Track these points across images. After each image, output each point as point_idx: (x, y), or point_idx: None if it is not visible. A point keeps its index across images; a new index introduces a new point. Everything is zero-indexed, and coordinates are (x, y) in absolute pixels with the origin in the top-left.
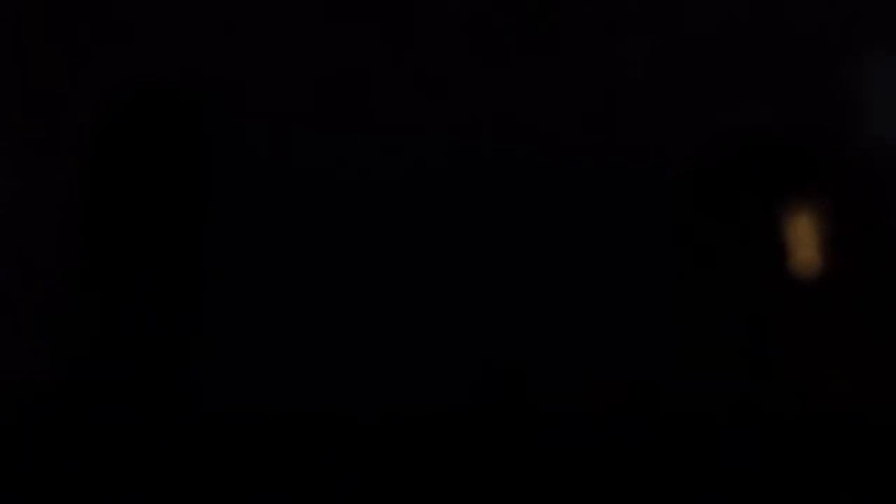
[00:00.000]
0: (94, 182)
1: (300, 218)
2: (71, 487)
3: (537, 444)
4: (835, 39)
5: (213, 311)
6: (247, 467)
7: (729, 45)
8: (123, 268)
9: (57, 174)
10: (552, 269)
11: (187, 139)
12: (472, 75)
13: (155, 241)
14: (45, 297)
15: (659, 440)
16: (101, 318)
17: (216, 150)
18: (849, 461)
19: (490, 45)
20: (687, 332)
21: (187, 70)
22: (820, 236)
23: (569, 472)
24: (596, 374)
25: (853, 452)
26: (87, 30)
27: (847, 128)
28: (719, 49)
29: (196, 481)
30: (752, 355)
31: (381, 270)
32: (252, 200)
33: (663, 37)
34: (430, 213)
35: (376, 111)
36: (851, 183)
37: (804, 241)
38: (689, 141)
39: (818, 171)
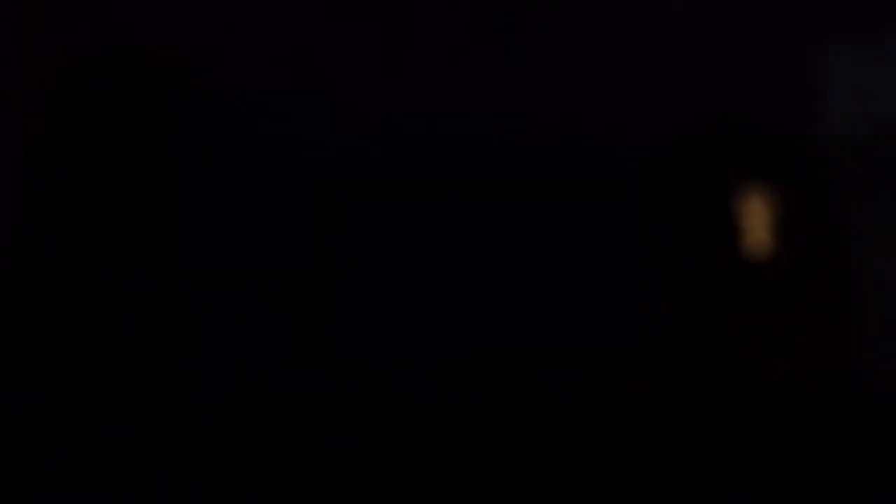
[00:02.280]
0: (52, 152)
1: (267, 196)
2: (49, 470)
3: (493, 426)
4: (796, 29)
5: (181, 288)
6: (218, 447)
7: (691, 35)
8: (84, 245)
9: (10, 145)
10: (514, 249)
11: (151, 109)
12: (444, 57)
13: (117, 214)
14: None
15: (613, 419)
16: (58, 295)
17: (181, 121)
18: (793, 440)
19: (464, 28)
20: (643, 316)
21: (153, 38)
22: (775, 223)
23: (525, 453)
24: (550, 355)
25: (798, 432)
26: None
27: (806, 117)
28: (682, 39)
29: (172, 461)
30: (704, 337)
31: (348, 254)
32: (218, 172)
33: (628, 28)
34: (397, 193)
35: (347, 85)
36: (809, 172)
37: (760, 227)
38: (652, 129)
39: (777, 159)
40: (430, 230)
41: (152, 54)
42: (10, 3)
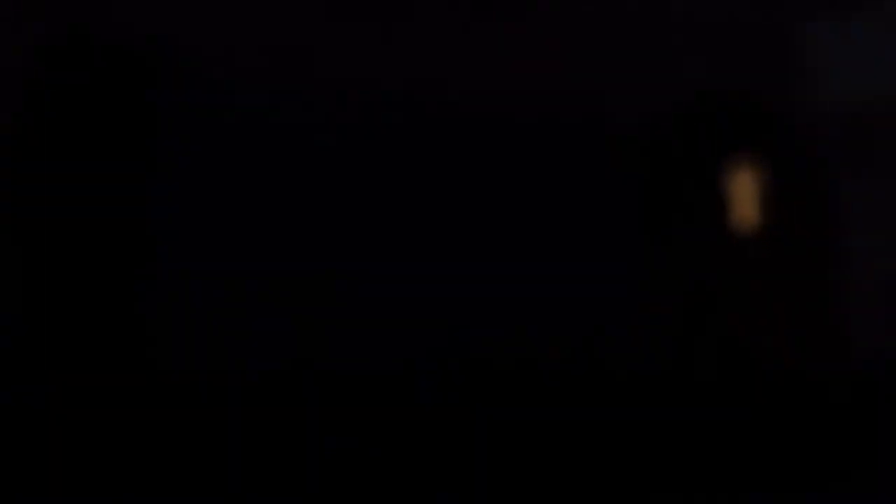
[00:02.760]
0: (35, 137)
1: (249, 174)
2: (33, 448)
3: (488, 400)
4: (782, 6)
5: (165, 265)
6: (203, 422)
7: (684, 16)
8: (70, 228)
9: None
10: (508, 225)
11: (133, 92)
12: (450, 35)
13: (100, 196)
14: None
15: (606, 394)
16: (42, 273)
17: (163, 104)
18: (777, 406)
19: (468, 7)
20: (639, 291)
21: (134, 23)
22: (765, 193)
23: (517, 428)
24: (545, 331)
25: (786, 404)
26: None
27: (791, 89)
28: (675, 20)
29: (151, 436)
30: (697, 314)
31: (333, 229)
32: (206, 155)
33: (621, 4)
34: (388, 169)
35: (331, 68)
36: (795, 142)
37: (750, 198)
38: (645, 101)
39: (763, 131)
40: (425, 216)
41: (134, 39)
42: None
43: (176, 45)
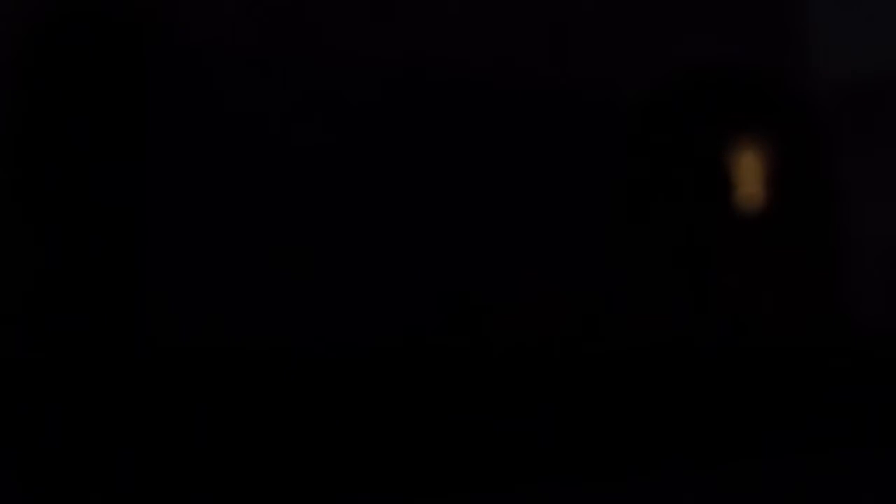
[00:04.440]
0: (30, 108)
1: (245, 147)
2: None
3: (490, 372)
4: None
5: (160, 242)
6: (199, 399)
7: None
8: (63, 196)
9: None
10: (506, 199)
11: (128, 65)
12: (432, 4)
13: (94, 170)
14: None
15: (606, 368)
16: (39, 250)
17: (158, 78)
18: (781, 383)
19: None
20: (635, 263)
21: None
22: (764, 168)
23: (521, 399)
24: (545, 304)
25: (783, 380)
26: None
27: (793, 64)
28: None
29: (144, 411)
30: (695, 286)
31: (333, 200)
32: (200, 127)
33: None
34: (383, 142)
35: (323, 37)
36: (796, 116)
37: (749, 172)
38: (642, 75)
39: (764, 105)
40: (424, 176)
41: (130, 9)
42: None
43: (174, 21)
